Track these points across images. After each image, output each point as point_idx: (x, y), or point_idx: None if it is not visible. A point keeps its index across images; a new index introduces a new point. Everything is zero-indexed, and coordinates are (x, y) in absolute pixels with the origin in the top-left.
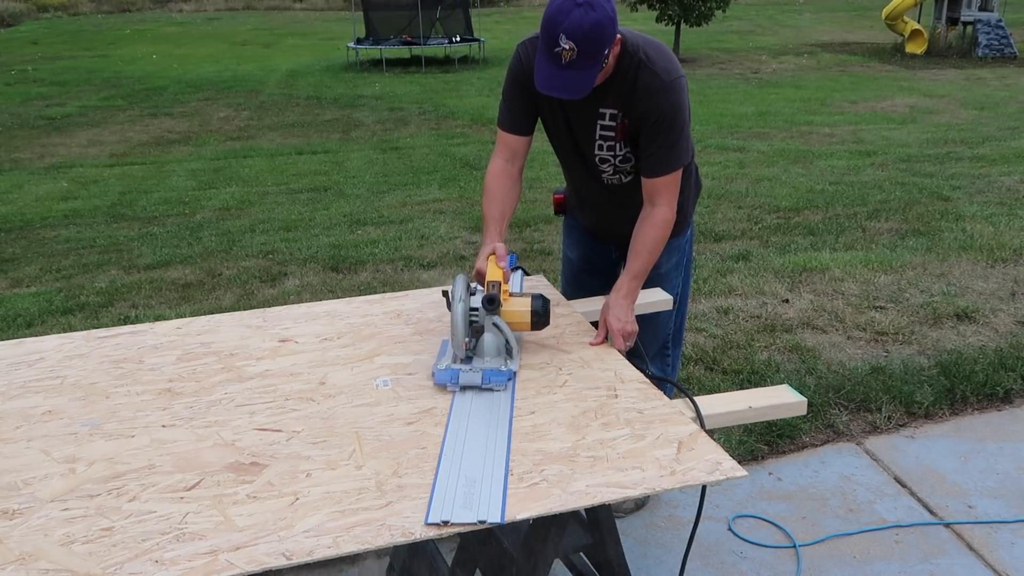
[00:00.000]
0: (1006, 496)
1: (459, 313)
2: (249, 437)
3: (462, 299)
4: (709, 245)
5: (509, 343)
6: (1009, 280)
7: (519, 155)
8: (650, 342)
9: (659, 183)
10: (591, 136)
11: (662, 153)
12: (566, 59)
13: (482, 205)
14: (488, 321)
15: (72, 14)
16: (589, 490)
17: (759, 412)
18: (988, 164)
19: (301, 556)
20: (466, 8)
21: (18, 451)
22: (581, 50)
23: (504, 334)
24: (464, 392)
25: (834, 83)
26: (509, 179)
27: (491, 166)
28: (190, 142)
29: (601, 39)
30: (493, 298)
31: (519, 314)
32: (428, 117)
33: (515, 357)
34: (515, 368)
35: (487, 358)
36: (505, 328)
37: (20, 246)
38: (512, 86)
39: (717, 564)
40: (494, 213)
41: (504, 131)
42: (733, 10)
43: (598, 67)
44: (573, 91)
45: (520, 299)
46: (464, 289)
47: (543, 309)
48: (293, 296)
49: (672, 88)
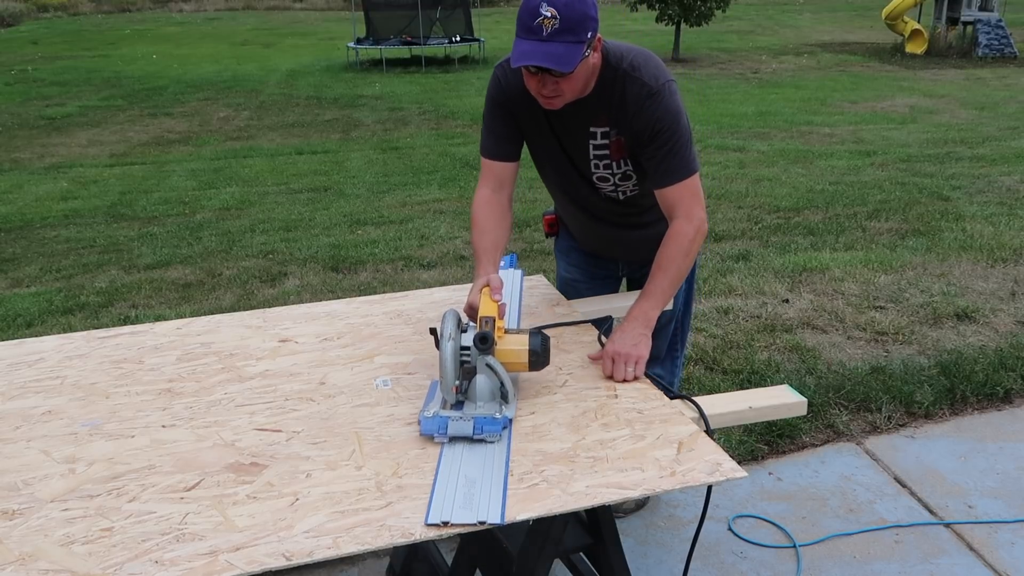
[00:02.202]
0: (1006, 496)
1: (448, 353)
2: (249, 437)
3: (452, 337)
4: (709, 245)
5: (504, 386)
6: (1009, 280)
7: (506, 183)
8: (659, 345)
9: (672, 194)
10: (585, 156)
11: (668, 162)
12: (548, 29)
13: (471, 238)
14: (481, 362)
15: (72, 14)
16: (589, 491)
17: (759, 412)
18: (988, 164)
19: (301, 557)
20: (466, 8)
21: (18, 451)
22: (564, 17)
23: (499, 376)
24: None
25: (834, 83)
26: (499, 209)
27: (477, 196)
28: (190, 142)
29: (584, 14)
30: (486, 336)
31: (515, 353)
32: (428, 117)
33: (511, 402)
34: (510, 415)
35: (480, 403)
36: (500, 369)
37: (20, 246)
38: (493, 110)
39: (717, 564)
40: (485, 244)
41: (489, 159)
42: (733, 10)
43: (580, 49)
44: (556, 61)
45: (517, 336)
46: (454, 326)
47: (542, 347)
48: (293, 296)
49: (662, 93)
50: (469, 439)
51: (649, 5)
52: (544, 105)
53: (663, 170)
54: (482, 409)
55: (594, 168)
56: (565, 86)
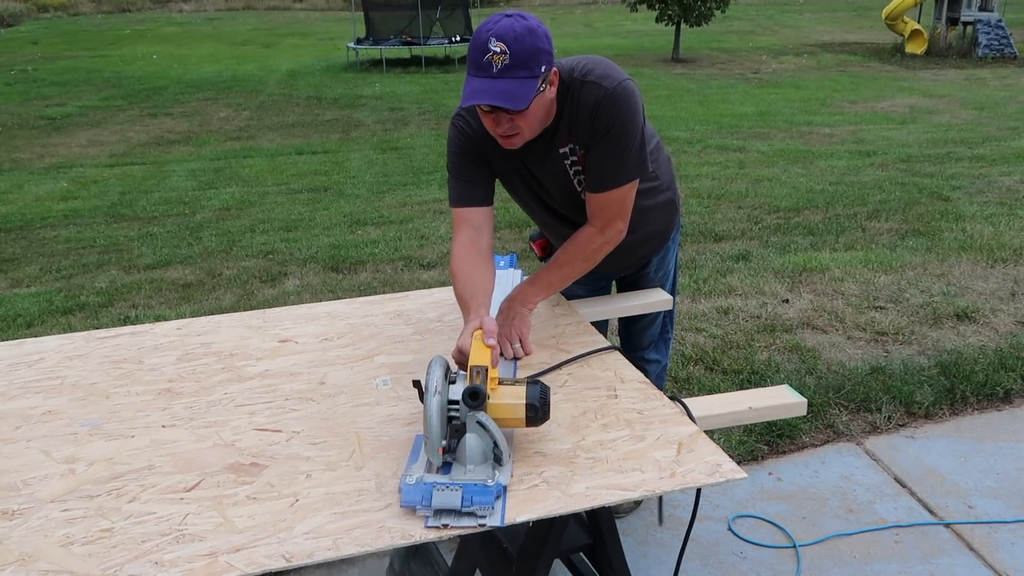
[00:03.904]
0: (1006, 496)
1: (434, 409)
2: (249, 437)
3: (438, 391)
4: (709, 245)
5: (498, 447)
6: (1009, 280)
7: (484, 230)
8: (652, 332)
9: (600, 201)
10: (566, 178)
11: (605, 168)
12: (498, 65)
13: (455, 290)
14: (471, 419)
15: (72, 14)
16: (589, 492)
17: (759, 412)
18: (988, 164)
19: (301, 558)
20: (466, 8)
21: (18, 451)
22: (514, 52)
23: (491, 435)
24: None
25: (834, 83)
26: (479, 257)
27: (454, 248)
28: (190, 142)
29: (535, 48)
30: (477, 392)
31: (510, 408)
32: (428, 117)
33: (505, 464)
34: (505, 481)
35: (470, 467)
36: (492, 427)
37: (20, 246)
38: (460, 158)
39: (717, 564)
40: (472, 289)
41: (462, 207)
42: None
43: (533, 84)
44: (508, 99)
45: (512, 388)
46: (440, 377)
47: (541, 400)
48: (293, 296)
49: (616, 94)
50: (456, 512)
51: (649, 5)
52: (503, 145)
53: (598, 175)
54: (472, 474)
55: (577, 185)
56: (521, 123)
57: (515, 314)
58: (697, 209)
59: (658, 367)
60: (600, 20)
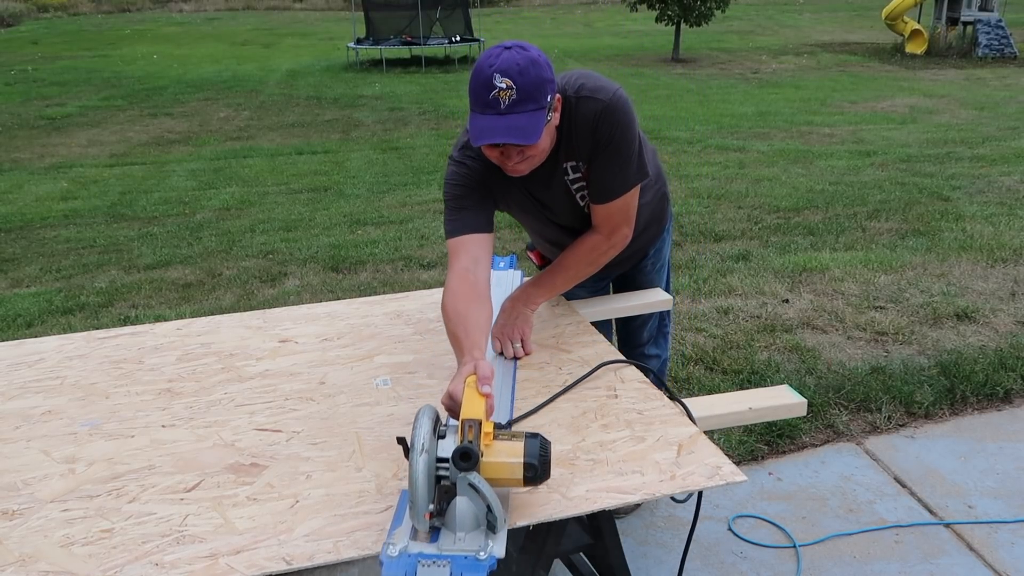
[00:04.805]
0: (1006, 496)
1: (420, 470)
2: (249, 437)
3: (425, 448)
4: (709, 245)
5: (492, 511)
6: (1009, 280)
7: (482, 260)
8: (651, 327)
9: (605, 211)
10: (570, 196)
11: (608, 180)
12: (505, 101)
13: (447, 327)
14: (462, 481)
15: (72, 14)
16: (589, 495)
17: (759, 413)
18: (988, 164)
19: (301, 561)
20: (466, 8)
21: (18, 451)
22: (520, 87)
23: (485, 498)
24: None
25: (834, 83)
26: (473, 292)
27: (449, 282)
28: (190, 142)
29: (540, 78)
30: (467, 452)
31: (506, 467)
32: (428, 117)
33: (500, 531)
34: (500, 553)
35: (460, 534)
36: (486, 490)
37: (20, 246)
38: (462, 190)
39: (717, 564)
40: (466, 327)
41: (462, 236)
42: (733, 10)
43: (542, 116)
44: (521, 135)
45: (508, 444)
46: (428, 432)
47: (541, 458)
48: (293, 296)
49: (614, 105)
50: None
51: (649, 5)
52: (510, 173)
53: (602, 187)
54: (463, 543)
55: (580, 200)
56: (531, 152)
57: (518, 314)
58: (697, 209)
59: (658, 362)
60: (600, 20)
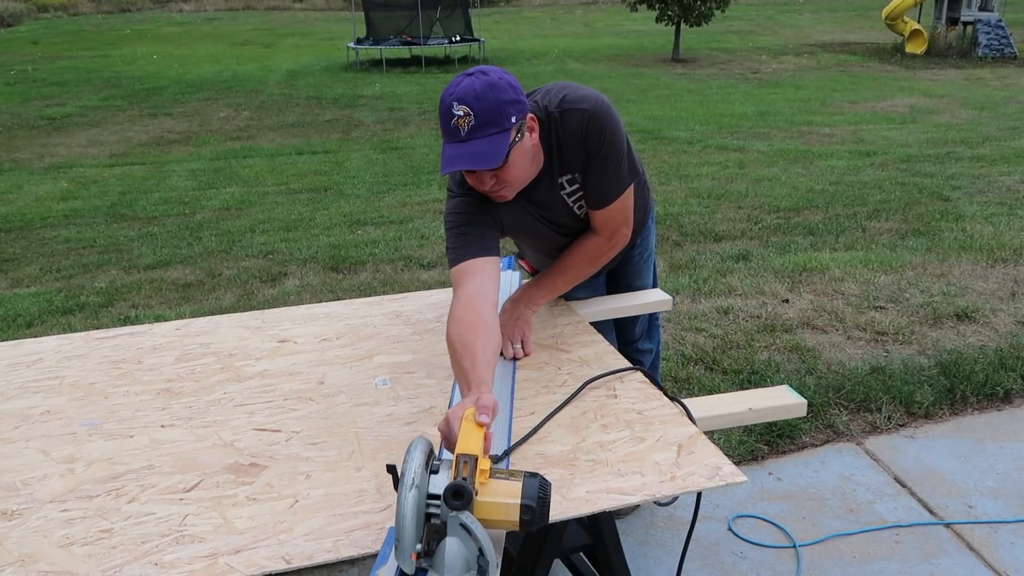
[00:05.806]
0: (1006, 496)
1: (408, 507)
2: (248, 437)
3: (415, 483)
4: (709, 245)
5: (484, 555)
6: (1009, 280)
7: (488, 287)
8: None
9: (603, 215)
10: (568, 209)
11: (603, 186)
12: (465, 128)
13: (451, 360)
14: (453, 521)
15: (72, 14)
16: (589, 496)
17: (759, 414)
18: (988, 164)
19: (301, 560)
20: (466, 8)
21: (17, 451)
22: (478, 112)
23: (477, 540)
24: None
25: (834, 83)
26: (480, 320)
27: (454, 310)
28: (190, 142)
29: (499, 101)
30: (460, 490)
31: (501, 508)
32: (428, 117)
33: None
34: None
35: None
36: (478, 531)
37: (20, 246)
38: (462, 216)
39: (717, 564)
40: (475, 361)
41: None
42: (733, 10)
43: (505, 137)
44: (482, 159)
45: (506, 484)
46: (420, 465)
47: (540, 500)
48: (293, 296)
49: (599, 112)
50: None
51: (649, 5)
52: (495, 199)
53: (599, 193)
54: None
55: (578, 210)
56: (506, 176)
57: (518, 315)
58: (697, 209)
59: (651, 355)
60: (600, 20)
